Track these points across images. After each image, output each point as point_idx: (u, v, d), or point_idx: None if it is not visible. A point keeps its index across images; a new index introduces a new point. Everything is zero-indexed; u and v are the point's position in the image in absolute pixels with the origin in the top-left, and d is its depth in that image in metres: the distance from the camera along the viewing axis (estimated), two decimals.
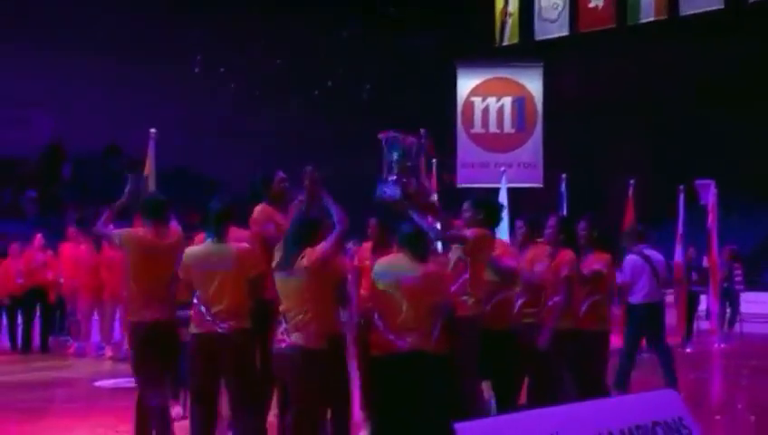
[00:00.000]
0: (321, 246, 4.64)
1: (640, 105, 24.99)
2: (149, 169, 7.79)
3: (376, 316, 5.01)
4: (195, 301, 4.82)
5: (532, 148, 17.82)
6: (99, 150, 23.56)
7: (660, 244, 13.23)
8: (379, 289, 4.94)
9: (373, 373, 5.21)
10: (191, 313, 4.84)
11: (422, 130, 5.65)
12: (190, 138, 23.07)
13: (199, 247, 4.96)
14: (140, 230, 5.18)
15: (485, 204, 5.91)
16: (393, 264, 5.00)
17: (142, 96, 22.26)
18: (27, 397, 7.94)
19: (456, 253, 5.53)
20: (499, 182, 11.05)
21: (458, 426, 3.93)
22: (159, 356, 5.01)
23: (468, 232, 5.56)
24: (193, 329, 4.80)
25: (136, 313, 5.02)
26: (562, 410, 4.80)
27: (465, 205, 5.92)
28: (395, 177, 5.12)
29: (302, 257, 4.61)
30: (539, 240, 6.16)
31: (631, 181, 11.59)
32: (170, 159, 18.21)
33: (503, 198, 10.54)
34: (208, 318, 4.73)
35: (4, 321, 12.33)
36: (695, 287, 12.57)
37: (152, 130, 7.88)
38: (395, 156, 5.16)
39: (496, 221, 5.88)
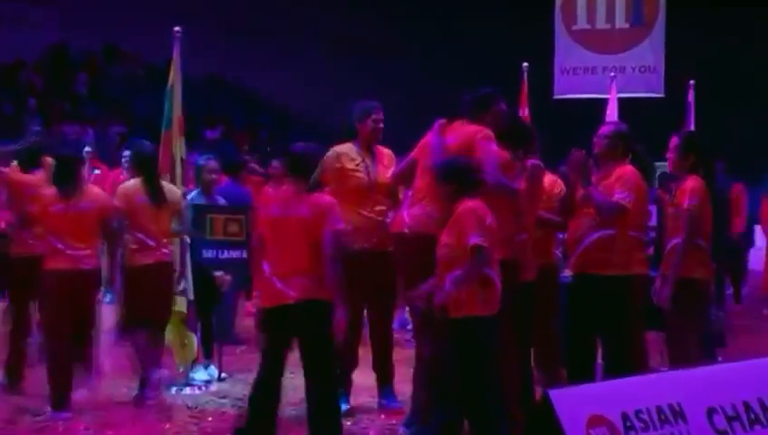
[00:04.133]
0: None
1: None
2: (174, 76, 7.72)
3: None
4: None
5: (652, 47, 17.14)
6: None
7: None
8: None
9: None
10: None
11: None
12: (225, 41, 23.22)
13: None
14: None
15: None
16: None
17: None
18: None
19: None
20: (607, 91, 10.79)
21: (553, 392, 3.98)
22: None
23: None
24: None
25: None
26: (686, 375, 4.71)
27: None
28: None
29: None
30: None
31: None
32: (201, 65, 18.40)
33: (612, 110, 10.30)
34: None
35: None
36: None
37: (176, 29, 7.80)
38: None
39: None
